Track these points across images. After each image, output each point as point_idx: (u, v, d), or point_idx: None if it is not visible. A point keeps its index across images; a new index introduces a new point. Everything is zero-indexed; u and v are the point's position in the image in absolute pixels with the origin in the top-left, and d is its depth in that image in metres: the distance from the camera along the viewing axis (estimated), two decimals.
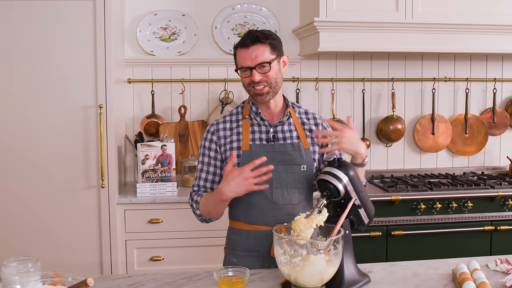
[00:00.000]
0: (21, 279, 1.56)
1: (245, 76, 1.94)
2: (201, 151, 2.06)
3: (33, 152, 2.97)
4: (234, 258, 2.02)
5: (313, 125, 2.06)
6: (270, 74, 1.92)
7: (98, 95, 2.98)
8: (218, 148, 2.02)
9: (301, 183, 1.98)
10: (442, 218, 3.20)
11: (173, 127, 3.54)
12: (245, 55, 1.92)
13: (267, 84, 1.93)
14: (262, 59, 1.91)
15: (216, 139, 2.02)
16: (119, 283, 1.79)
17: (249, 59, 1.91)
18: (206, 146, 2.04)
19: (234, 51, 1.98)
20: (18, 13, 2.90)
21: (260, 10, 3.63)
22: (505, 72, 3.88)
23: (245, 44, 1.92)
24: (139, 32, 3.51)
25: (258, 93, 1.94)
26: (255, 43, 1.91)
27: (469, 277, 1.69)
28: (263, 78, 1.92)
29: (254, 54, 1.90)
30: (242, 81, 1.98)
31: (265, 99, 1.96)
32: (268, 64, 1.91)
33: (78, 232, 3.03)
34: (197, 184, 2.06)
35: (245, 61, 1.92)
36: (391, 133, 3.73)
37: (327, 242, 1.61)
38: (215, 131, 2.04)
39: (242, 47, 1.93)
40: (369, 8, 3.24)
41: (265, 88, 1.93)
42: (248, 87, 1.95)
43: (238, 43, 1.95)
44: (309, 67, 3.69)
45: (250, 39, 1.91)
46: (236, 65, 1.99)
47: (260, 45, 1.91)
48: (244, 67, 1.92)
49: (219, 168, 2.03)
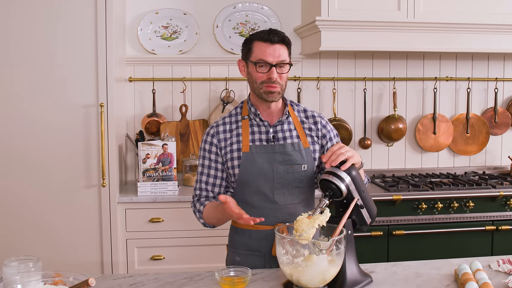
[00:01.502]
0: (22, 278, 1.56)
1: (262, 71, 1.91)
2: (201, 154, 2.05)
3: (34, 151, 2.97)
4: (237, 256, 2.03)
5: (312, 123, 2.05)
6: (284, 76, 1.92)
7: (99, 94, 2.97)
8: (218, 151, 2.01)
9: (302, 182, 1.98)
10: (443, 218, 3.19)
11: (174, 126, 3.54)
12: (268, 50, 1.89)
13: (279, 85, 1.92)
14: (284, 58, 1.90)
15: (217, 142, 2.01)
16: (121, 283, 1.78)
17: (272, 55, 1.89)
18: (207, 149, 2.03)
19: (250, 44, 1.94)
20: (18, 12, 2.90)
21: (261, 9, 3.62)
22: (506, 72, 3.88)
23: (270, 39, 1.89)
24: (140, 31, 3.50)
25: (270, 91, 1.91)
26: (280, 42, 1.90)
27: (471, 278, 1.69)
28: (278, 78, 1.90)
29: (278, 53, 1.89)
30: (252, 77, 1.94)
31: (275, 98, 1.94)
32: (288, 66, 1.92)
33: (79, 231, 3.02)
34: (199, 188, 2.05)
35: (266, 56, 1.89)
36: (392, 133, 3.73)
37: (329, 242, 1.60)
38: (215, 133, 2.02)
39: (266, 41, 1.89)
40: (371, 7, 3.24)
41: (277, 88, 1.92)
42: (260, 84, 1.92)
43: (260, 37, 1.91)
44: (310, 66, 3.69)
45: (277, 37, 1.90)
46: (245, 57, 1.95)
47: (283, 45, 1.91)
48: (264, 60, 1.89)
49: (220, 171, 2.02)
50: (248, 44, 1.95)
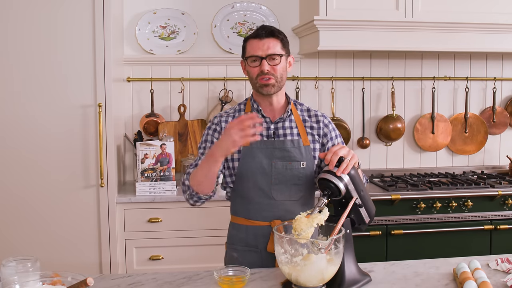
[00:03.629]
0: (20, 278, 1.55)
1: (254, 66, 1.96)
2: (203, 138, 2.08)
3: (32, 151, 2.96)
4: (234, 252, 2.05)
5: (315, 122, 2.06)
6: (278, 67, 1.96)
7: (97, 94, 2.97)
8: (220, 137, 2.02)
9: (300, 180, 1.98)
10: (442, 217, 3.20)
11: (172, 126, 3.53)
12: (257, 45, 1.95)
13: (273, 77, 1.95)
14: (274, 51, 1.95)
15: (220, 130, 2.04)
16: (119, 283, 1.78)
17: (261, 49, 1.94)
18: (210, 133, 2.06)
19: (244, 43, 2.01)
20: (16, 12, 2.89)
21: (259, 8, 3.62)
22: (505, 71, 3.88)
23: (259, 35, 1.96)
24: (138, 31, 3.50)
25: (264, 83, 1.95)
26: (268, 36, 1.96)
27: (470, 277, 1.69)
28: (271, 70, 1.94)
29: (267, 46, 1.95)
30: (249, 73, 1.99)
31: (270, 91, 1.96)
32: (279, 57, 1.95)
33: (77, 231, 3.02)
34: (195, 165, 2.03)
35: (256, 51, 1.95)
36: (391, 132, 3.73)
37: (328, 242, 1.60)
38: (219, 122, 2.06)
39: (255, 38, 1.96)
40: (369, 6, 3.24)
41: (271, 79, 1.95)
42: (256, 79, 1.97)
43: (251, 35, 1.99)
44: (308, 66, 3.69)
45: (265, 31, 1.96)
46: (243, 57, 2.01)
47: (273, 38, 1.96)
48: (255, 55, 1.95)
49: None
50: (244, 44, 2.02)
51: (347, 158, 1.76)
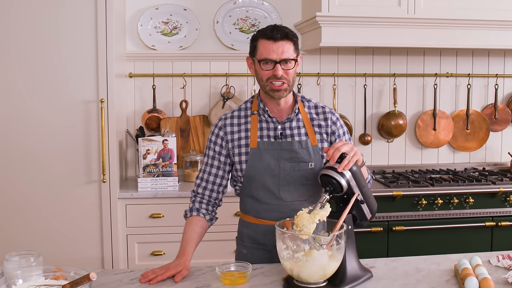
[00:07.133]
0: (23, 273, 1.56)
1: (267, 69, 1.90)
2: (207, 145, 2.08)
3: (34, 146, 2.97)
4: (244, 249, 2.06)
5: (323, 120, 2.04)
6: (291, 71, 1.91)
7: (99, 90, 2.97)
8: (224, 144, 2.02)
9: (309, 180, 1.97)
10: (443, 213, 3.20)
11: (174, 122, 3.54)
12: (272, 48, 1.88)
13: (286, 81, 1.91)
14: (288, 55, 1.89)
15: (223, 135, 2.02)
16: (121, 278, 1.79)
17: (276, 52, 1.88)
18: (213, 140, 2.05)
19: (255, 42, 1.94)
20: (19, 8, 2.89)
21: (262, 4, 3.61)
22: (507, 68, 3.87)
23: (273, 37, 1.89)
24: (141, 27, 3.50)
25: (276, 89, 1.91)
26: (283, 38, 1.89)
27: (471, 273, 1.69)
28: (284, 75, 1.90)
29: (281, 49, 1.88)
30: (258, 74, 1.94)
31: (282, 95, 1.94)
32: (294, 61, 1.91)
33: (79, 227, 3.03)
34: (200, 178, 2.07)
35: (270, 54, 1.88)
36: (392, 129, 3.73)
37: (329, 237, 1.60)
38: (222, 126, 2.03)
39: (269, 39, 1.89)
40: (371, 3, 3.23)
41: (284, 84, 1.91)
42: (266, 81, 1.92)
43: (264, 35, 1.91)
44: (310, 62, 3.68)
45: (280, 33, 1.89)
46: (252, 55, 1.96)
47: (287, 41, 1.90)
48: (268, 59, 1.89)
49: (223, 163, 2.04)
50: (254, 42, 1.95)
51: (349, 155, 1.74)
